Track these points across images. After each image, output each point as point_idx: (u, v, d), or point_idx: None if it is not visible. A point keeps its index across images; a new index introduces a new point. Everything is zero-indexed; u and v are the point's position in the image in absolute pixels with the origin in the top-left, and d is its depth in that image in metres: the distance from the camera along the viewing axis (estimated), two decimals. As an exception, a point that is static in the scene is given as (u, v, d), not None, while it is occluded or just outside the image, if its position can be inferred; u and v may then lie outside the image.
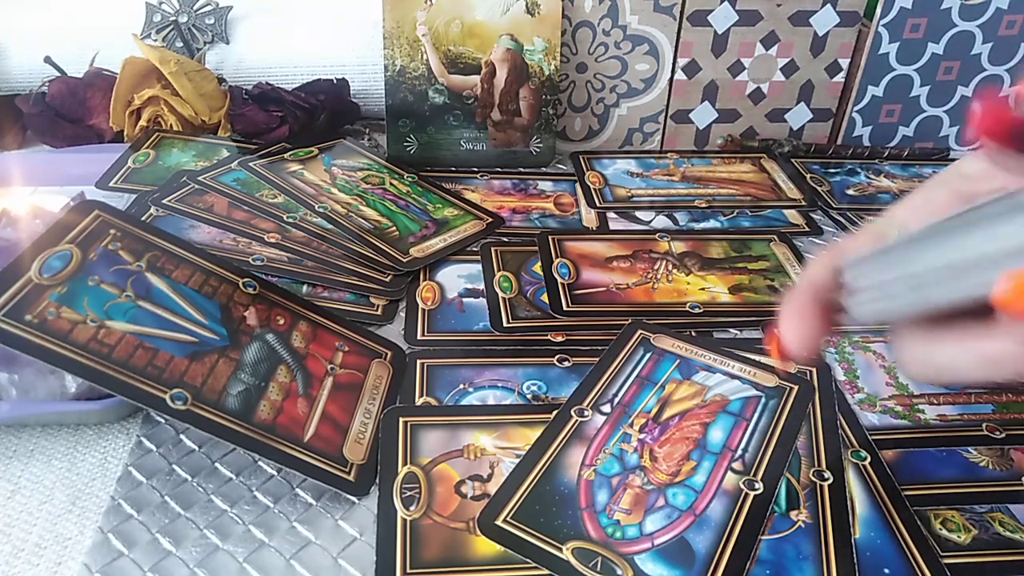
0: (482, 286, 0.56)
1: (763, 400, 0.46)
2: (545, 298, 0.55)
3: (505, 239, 0.63)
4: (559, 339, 0.52)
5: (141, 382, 0.39)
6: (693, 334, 0.52)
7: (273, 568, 0.37)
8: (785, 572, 0.37)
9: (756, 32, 0.74)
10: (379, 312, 0.53)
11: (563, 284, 0.56)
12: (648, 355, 0.49)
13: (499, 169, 0.73)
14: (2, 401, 0.43)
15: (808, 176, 0.74)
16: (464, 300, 0.55)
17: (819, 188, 0.72)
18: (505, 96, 0.71)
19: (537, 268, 0.58)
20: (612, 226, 0.65)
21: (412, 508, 0.39)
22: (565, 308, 0.54)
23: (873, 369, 0.50)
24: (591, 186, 0.71)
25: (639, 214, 0.67)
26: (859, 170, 0.76)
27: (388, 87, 0.70)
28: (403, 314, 0.53)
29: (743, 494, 0.40)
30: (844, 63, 0.76)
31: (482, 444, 0.43)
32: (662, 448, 0.43)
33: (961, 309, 0.25)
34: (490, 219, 0.65)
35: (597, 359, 0.49)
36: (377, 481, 0.41)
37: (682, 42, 0.73)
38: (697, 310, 0.55)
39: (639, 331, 0.51)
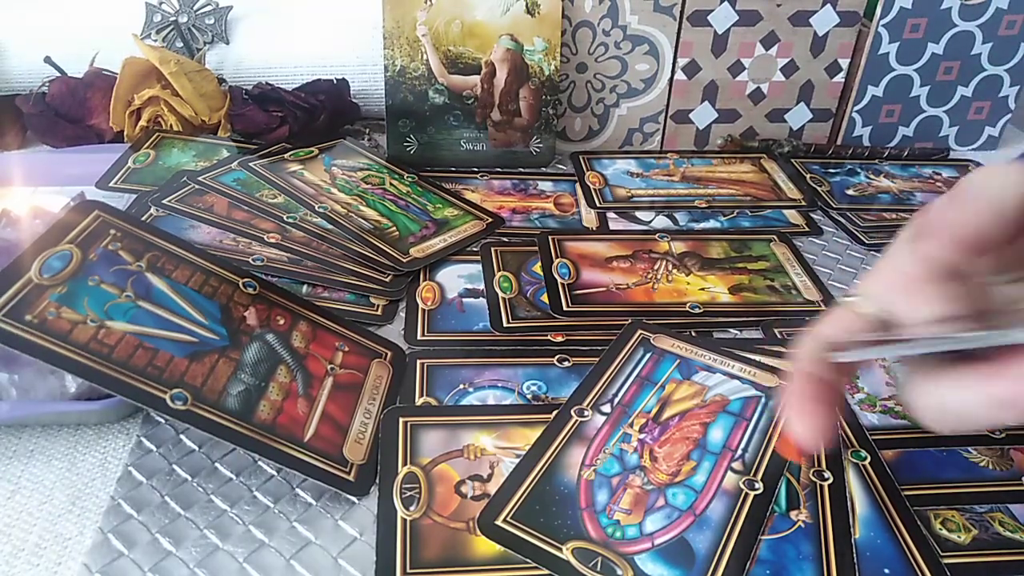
0: (482, 286, 0.56)
1: (763, 400, 0.46)
2: (545, 298, 0.55)
3: (505, 239, 0.63)
4: (559, 339, 0.52)
5: (141, 382, 0.39)
6: (693, 334, 0.52)
7: (273, 568, 0.37)
8: (785, 572, 0.37)
9: (756, 32, 0.74)
10: (379, 312, 0.53)
11: (563, 284, 0.56)
12: (648, 355, 0.49)
13: (499, 169, 0.73)
14: (2, 401, 0.43)
15: (808, 176, 0.74)
16: (464, 300, 0.55)
17: (819, 188, 0.72)
18: (505, 96, 0.71)
19: (537, 268, 0.58)
20: (612, 226, 0.65)
21: (412, 508, 0.39)
22: (565, 308, 0.54)
23: (873, 369, 0.50)
24: (591, 186, 0.71)
25: (639, 214, 0.67)
26: (859, 170, 0.76)
27: (388, 87, 0.70)
28: (403, 314, 0.53)
29: (743, 494, 0.40)
30: (844, 63, 0.76)
31: (482, 444, 0.43)
32: (662, 448, 0.43)
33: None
34: (490, 219, 0.65)
35: (597, 359, 0.49)
36: (377, 481, 0.41)
37: (682, 42, 0.73)
38: (697, 310, 0.55)
39: (639, 331, 0.51)
